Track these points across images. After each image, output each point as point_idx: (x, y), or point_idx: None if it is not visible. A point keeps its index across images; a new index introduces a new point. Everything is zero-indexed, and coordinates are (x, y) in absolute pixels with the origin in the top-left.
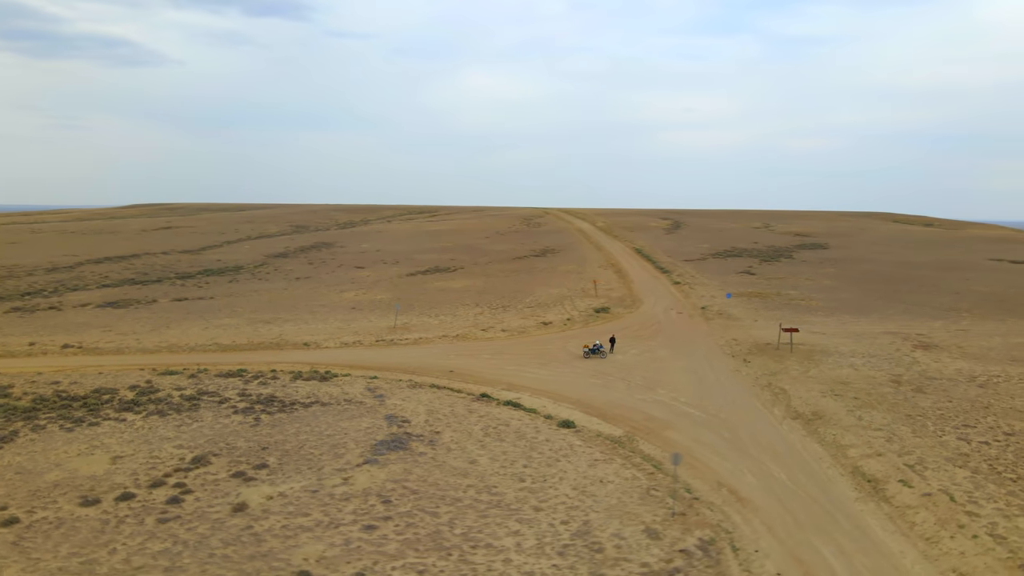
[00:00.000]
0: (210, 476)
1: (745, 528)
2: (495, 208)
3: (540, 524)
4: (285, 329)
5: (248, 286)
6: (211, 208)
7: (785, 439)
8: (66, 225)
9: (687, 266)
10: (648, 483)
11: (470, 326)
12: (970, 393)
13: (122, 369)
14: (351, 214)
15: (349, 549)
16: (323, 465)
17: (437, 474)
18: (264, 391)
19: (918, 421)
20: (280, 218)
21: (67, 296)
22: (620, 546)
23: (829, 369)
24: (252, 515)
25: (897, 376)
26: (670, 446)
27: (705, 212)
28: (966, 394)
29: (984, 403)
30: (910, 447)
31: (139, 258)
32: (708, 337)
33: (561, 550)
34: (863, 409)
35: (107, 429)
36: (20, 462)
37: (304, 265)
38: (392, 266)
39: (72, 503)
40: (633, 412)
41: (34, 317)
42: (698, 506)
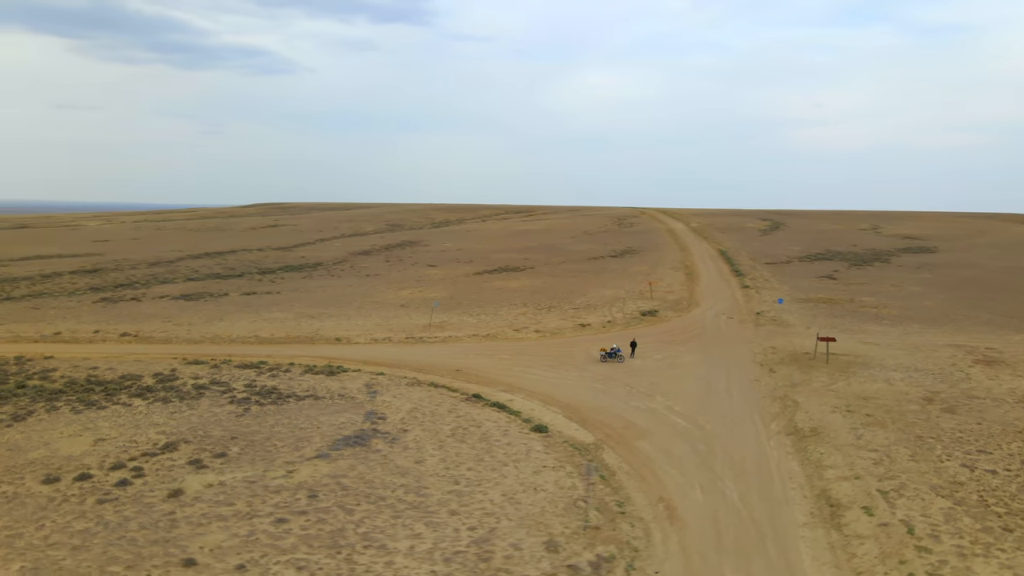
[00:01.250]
0: (169, 462)
1: (658, 548)
2: (593, 208)
3: (446, 528)
4: (326, 324)
5: (317, 282)
6: (321, 207)
7: (763, 455)
8: (188, 223)
9: (766, 269)
10: (583, 494)
11: (505, 326)
12: (1009, 415)
13: (158, 358)
14: (450, 213)
15: (247, 541)
16: (277, 457)
17: (378, 472)
18: (270, 383)
19: (926, 443)
20: (380, 217)
21: (153, 288)
22: (510, 557)
23: (859, 383)
24: (182, 502)
25: (933, 393)
26: (635, 456)
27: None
28: (1003, 416)
29: (1019, 427)
30: (898, 471)
31: (235, 254)
32: (746, 344)
33: (450, 557)
34: (870, 427)
35: (109, 413)
36: (16, 440)
37: (380, 263)
38: (464, 265)
39: (35, 480)
40: (616, 419)
41: (115, 307)
42: (620, 520)
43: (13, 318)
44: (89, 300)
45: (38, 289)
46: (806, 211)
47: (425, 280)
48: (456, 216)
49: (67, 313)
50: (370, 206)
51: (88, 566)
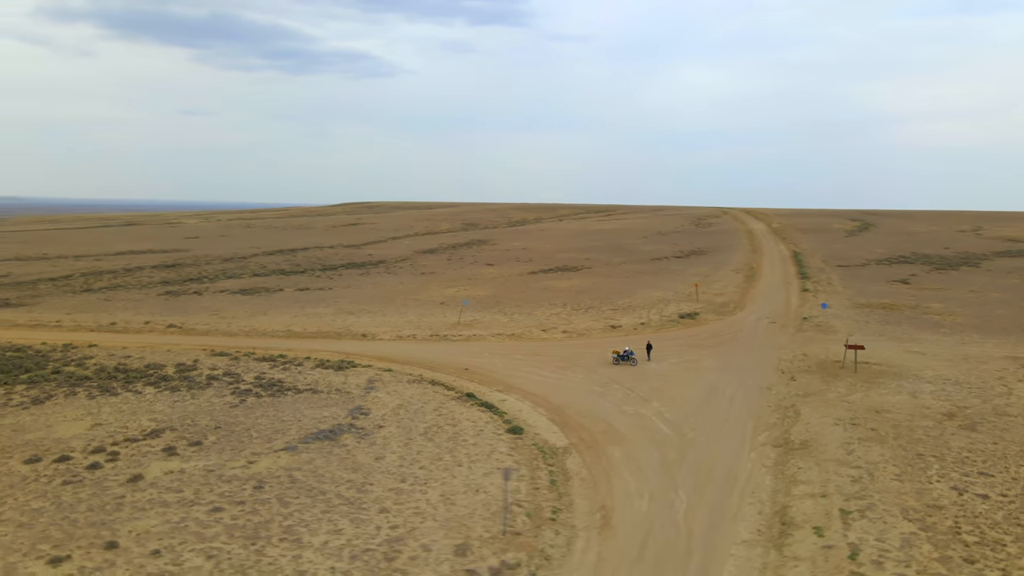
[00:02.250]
0: (146, 448)
1: (574, 557)
2: (676, 208)
3: (369, 526)
4: (361, 320)
5: (372, 279)
6: (406, 206)
7: (735, 467)
8: (277, 221)
9: (836, 272)
10: (524, 498)
11: (534, 325)
12: None
13: (189, 349)
14: (529, 213)
15: (175, 527)
16: (246, 448)
17: (333, 467)
18: (278, 376)
19: (923, 462)
20: (459, 216)
21: (218, 283)
22: (415, 558)
23: (879, 394)
24: (137, 487)
25: (960, 408)
26: (600, 461)
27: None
28: None
29: None
30: (873, 491)
31: (306, 251)
32: (777, 350)
33: (358, 554)
34: (867, 443)
35: (119, 400)
36: (24, 421)
37: (441, 261)
38: (522, 264)
39: (19, 460)
40: (599, 423)
41: (176, 300)
42: (547, 527)
43: (83, 308)
44: (155, 293)
45: (117, 282)
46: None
47: (477, 279)
48: (534, 216)
49: (130, 305)
50: (454, 205)
51: (22, 543)
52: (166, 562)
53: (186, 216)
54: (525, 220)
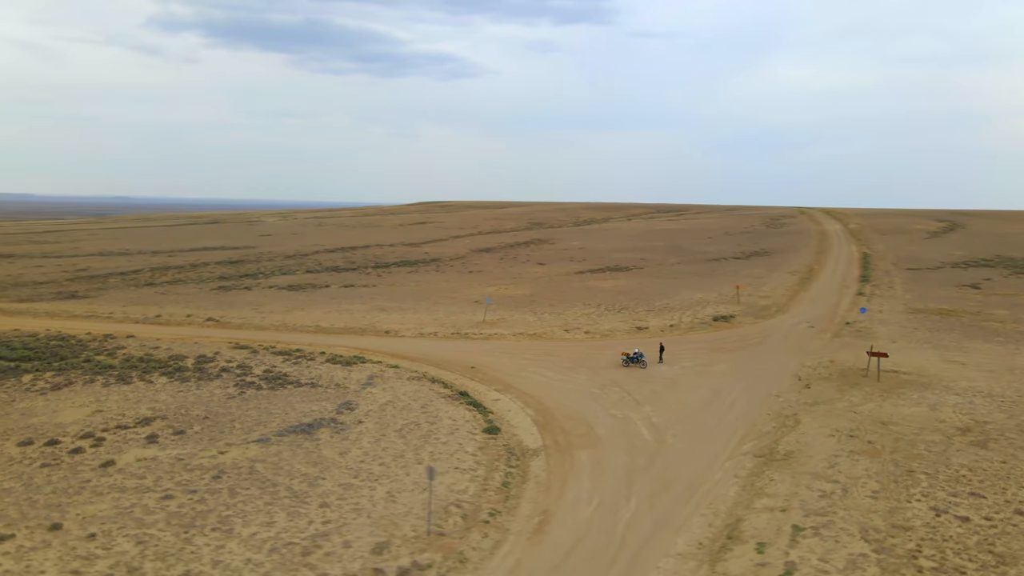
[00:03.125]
0: (132, 435)
1: (493, 561)
2: (752, 208)
3: (302, 520)
4: (391, 317)
5: (419, 277)
6: (478, 205)
7: (702, 477)
8: (349, 220)
9: (902, 275)
10: (468, 498)
11: (560, 325)
12: None
13: (216, 341)
14: (598, 212)
15: (120, 512)
16: (223, 438)
17: (296, 460)
18: (286, 369)
19: (910, 479)
20: (527, 215)
21: (271, 279)
22: (331, 553)
23: (894, 405)
24: (106, 472)
25: (977, 423)
26: (564, 465)
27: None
28: None
29: None
30: (840, 507)
31: (367, 249)
32: (803, 356)
33: (278, 547)
34: (856, 456)
35: (130, 389)
36: (36, 406)
37: (493, 260)
38: (574, 263)
39: (13, 443)
40: (580, 426)
41: (225, 295)
42: (478, 530)
43: (139, 301)
44: (209, 288)
45: (179, 276)
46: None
47: (521, 277)
48: (603, 215)
49: (181, 299)
50: (526, 204)
51: None
52: (97, 545)
53: (267, 215)
54: (593, 220)
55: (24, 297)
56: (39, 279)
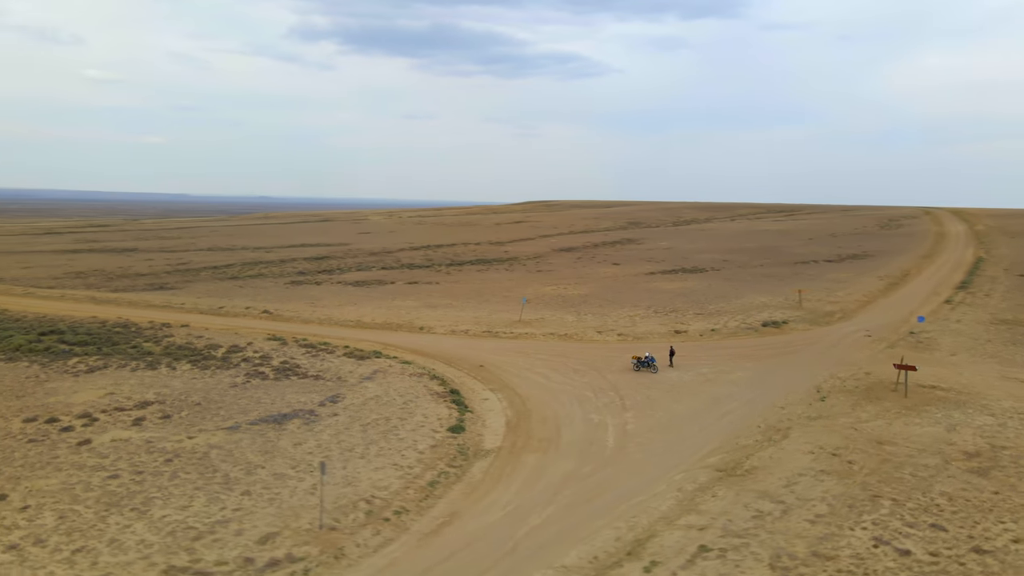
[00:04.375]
0: (124, 416)
1: (368, 560)
2: (869, 208)
3: (217, 505)
4: (435, 314)
5: (485, 275)
6: (583, 204)
7: (642, 489)
8: (451, 218)
9: (1011, 282)
10: (386, 495)
11: (596, 327)
12: None
13: (257, 332)
14: (702, 212)
15: (64, 487)
16: (200, 424)
17: (251, 448)
18: (301, 361)
19: (869, 505)
20: (627, 215)
21: (344, 275)
22: (219, 540)
23: (905, 424)
24: (78, 450)
25: (993, 448)
26: (505, 468)
27: None
28: None
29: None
30: (765, 530)
31: (452, 247)
32: (841, 366)
33: (177, 530)
34: (824, 476)
35: (151, 374)
36: (61, 386)
37: (569, 260)
38: (651, 264)
39: (21, 418)
40: (549, 429)
41: (294, 289)
42: (372, 526)
43: (214, 293)
44: (283, 283)
45: (263, 271)
46: None
47: (587, 277)
48: (707, 215)
49: (252, 292)
50: (632, 204)
51: None
52: (23, 517)
53: (375, 213)
54: (695, 219)
55: (119, 287)
56: (143, 271)
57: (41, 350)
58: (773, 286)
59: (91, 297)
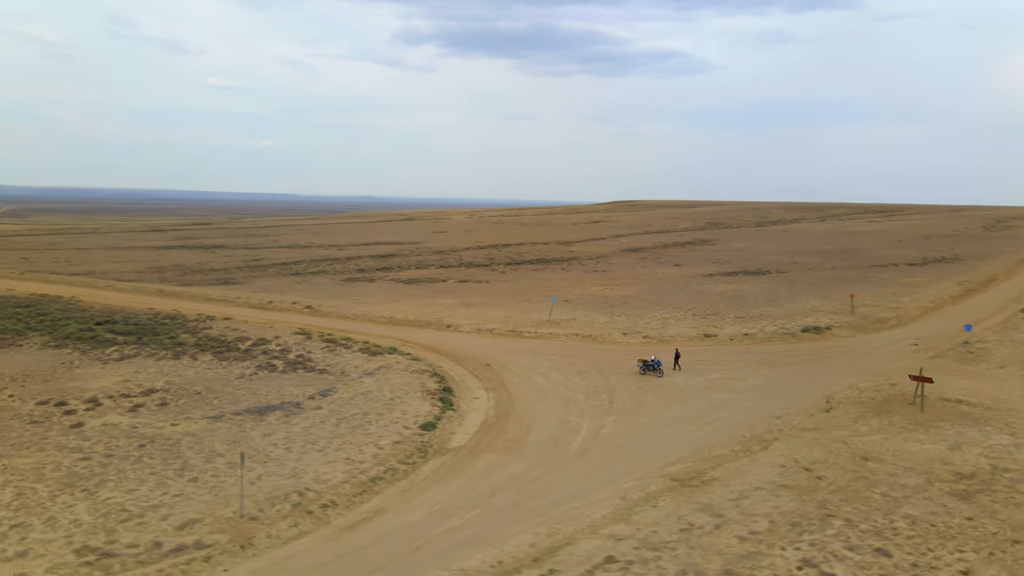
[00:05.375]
0: (125, 402)
1: (271, 552)
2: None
3: (161, 490)
4: (469, 312)
5: (538, 275)
6: (667, 204)
7: (585, 495)
8: (527, 218)
9: None
10: (323, 488)
11: (625, 329)
12: None
13: (288, 326)
14: (793, 212)
15: (36, 466)
16: (189, 413)
17: (220, 440)
18: (316, 355)
19: (818, 524)
20: (710, 215)
21: (401, 272)
22: (144, 523)
23: (905, 440)
24: (68, 432)
25: (995, 471)
26: (456, 468)
27: None
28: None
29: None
30: (673, 545)
31: (520, 246)
32: (867, 376)
33: (112, 512)
34: (782, 491)
35: (172, 364)
36: (86, 373)
37: (632, 260)
38: (714, 265)
39: (34, 401)
40: (521, 430)
41: (346, 286)
42: (291, 519)
43: (272, 288)
44: (339, 280)
45: (325, 268)
46: None
47: (641, 278)
48: (796, 216)
49: (306, 288)
50: (718, 204)
51: None
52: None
53: (457, 212)
54: (782, 220)
55: (190, 281)
56: (217, 267)
57: (88, 338)
58: (834, 290)
59: (159, 290)
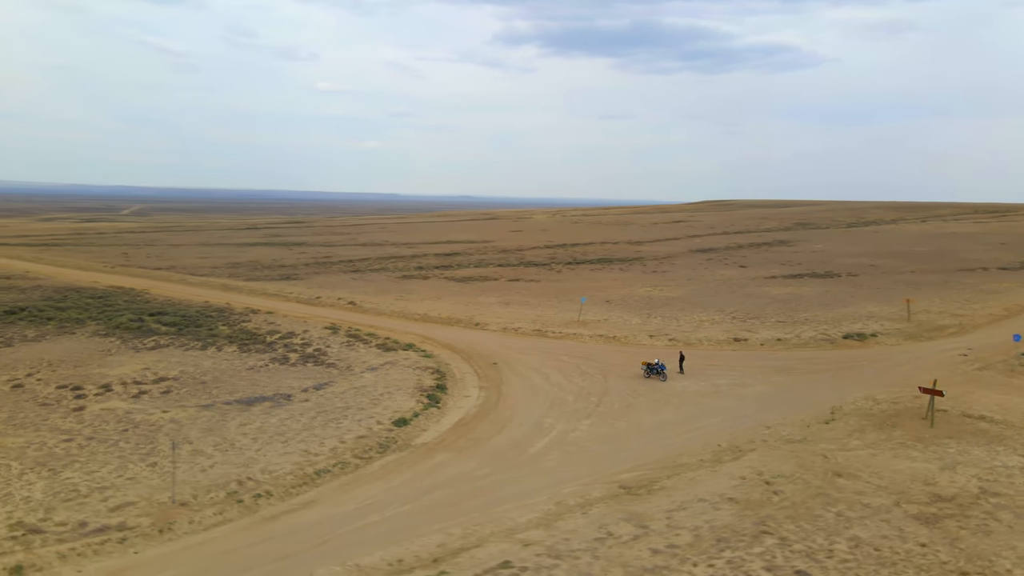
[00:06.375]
0: (134, 390)
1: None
2: None
3: (116, 472)
4: (505, 311)
5: (593, 275)
6: (757, 204)
7: (519, 499)
8: (607, 217)
9: None
10: (265, 478)
11: (651, 331)
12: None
13: (321, 321)
14: (890, 212)
15: (22, 445)
16: (186, 401)
17: (197, 428)
18: (331, 350)
19: (741, 540)
20: (799, 215)
21: (459, 271)
22: (84, 502)
23: (894, 456)
24: (67, 415)
25: (982, 494)
26: (405, 464)
27: None
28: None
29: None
30: (595, 555)
31: (588, 245)
32: (892, 387)
33: (63, 491)
34: (722, 504)
35: (196, 354)
36: (117, 360)
37: (699, 261)
38: (783, 267)
39: (54, 385)
40: (491, 430)
41: (402, 282)
42: (221, 507)
43: (326, 285)
44: (394, 276)
45: (387, 265)
46: None
47: (696, 280)
48: (895, 216)
49: (360, 284)
50: (812, 203)
51: None
52: None
53: (539, 212)
54: (878, 221)
55: (256, 277)
56: (287, 263)
57: (134, 328)
58: (901, 294)
59: (224, 284)
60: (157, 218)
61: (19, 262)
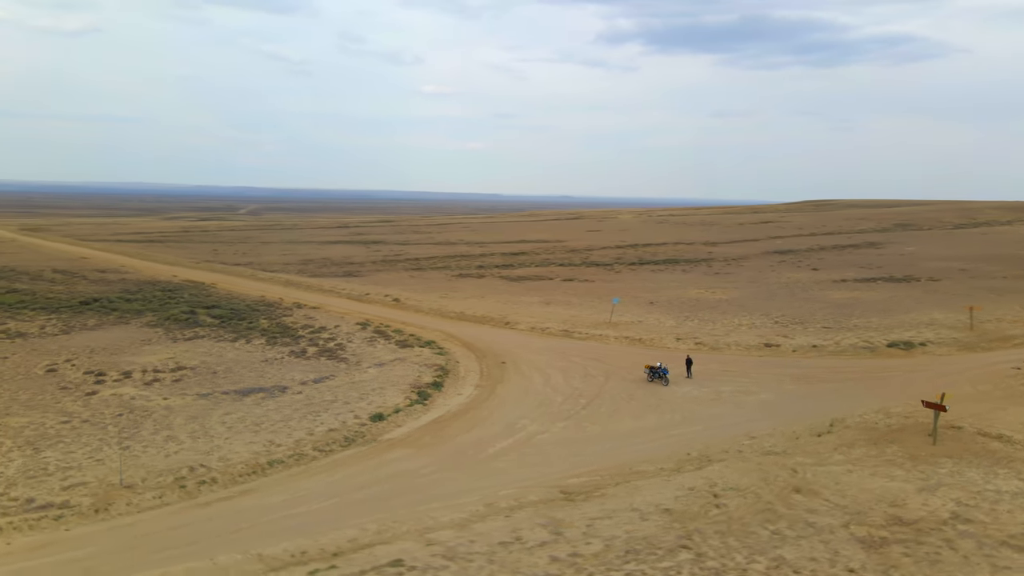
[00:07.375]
0: (150, 377)
1: (120, 519)
2: None
3: (87, 455)
4: (546, 310)
5: (652, 276)
6: (860, 204)
7: (453, 497)
8: (695, 218)
9: None
10: (215, 464)
11: (680, 334)
12: None
13: (355, 316)
14: (1008, 213)
15: (24, 425)
16: (188, 389)
17: (184, 415)
18: (351, 345)
19: (655, 553)
20: (903, 216)
21: (518, 270)
22: (45, 481)
23: (872, 475)
24: (77, 400)
25: (943, 518)
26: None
27: None
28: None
29: None
30: (490, 559)
31: (661, 246)
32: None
33: (33, 469)
34: (656, 515)
35: (223, 345)
36: (150, 349)
37: (769, 263)
38: (853, 269)
39: (81, 371)
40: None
41: (456, 280)
42: (161, 491)
43: (381, 282)
44: (450, 275)
45: (448, 264)
46: None
47: (756, 282)
48: (1012, 217)
49: (413, 282)
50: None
51: None
52: None
53: (625, 212)
54: (992, 221)
55: (318, 273)
56: (356, 260)
57: (183, 319)
58: (978, 301)
59: (287, 280)
60: (266, 217)
61: (121, 257)
